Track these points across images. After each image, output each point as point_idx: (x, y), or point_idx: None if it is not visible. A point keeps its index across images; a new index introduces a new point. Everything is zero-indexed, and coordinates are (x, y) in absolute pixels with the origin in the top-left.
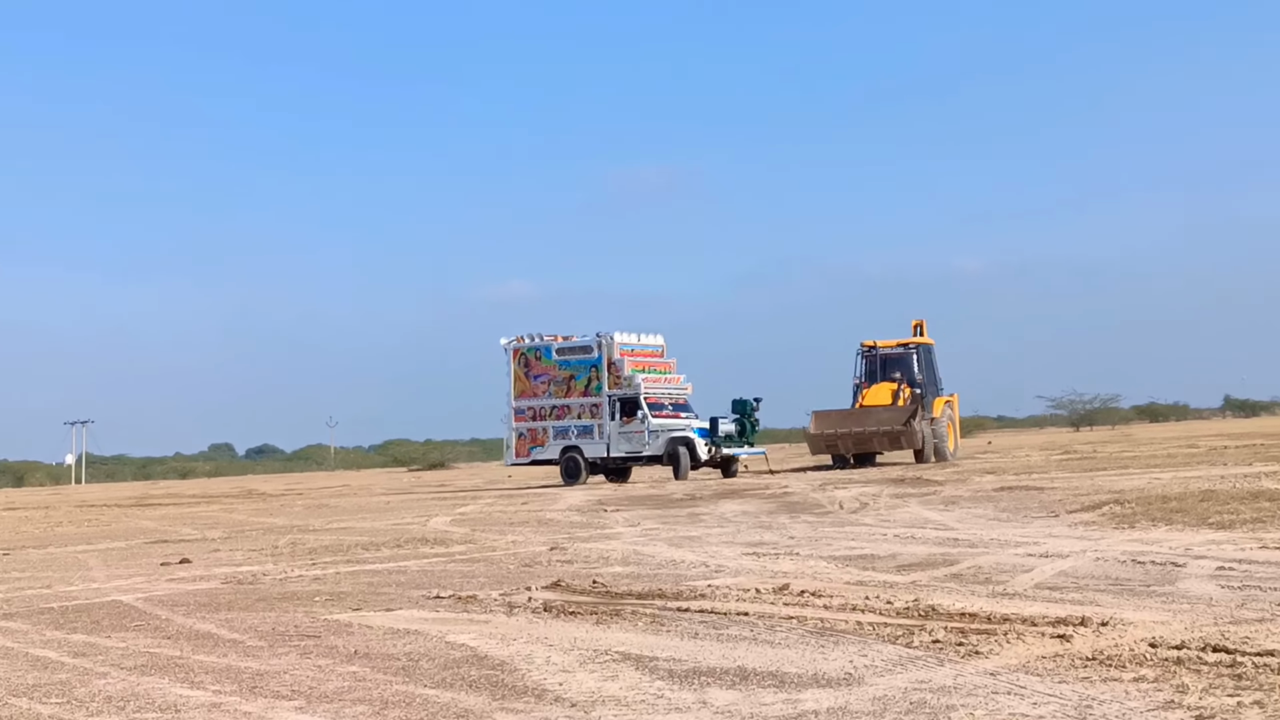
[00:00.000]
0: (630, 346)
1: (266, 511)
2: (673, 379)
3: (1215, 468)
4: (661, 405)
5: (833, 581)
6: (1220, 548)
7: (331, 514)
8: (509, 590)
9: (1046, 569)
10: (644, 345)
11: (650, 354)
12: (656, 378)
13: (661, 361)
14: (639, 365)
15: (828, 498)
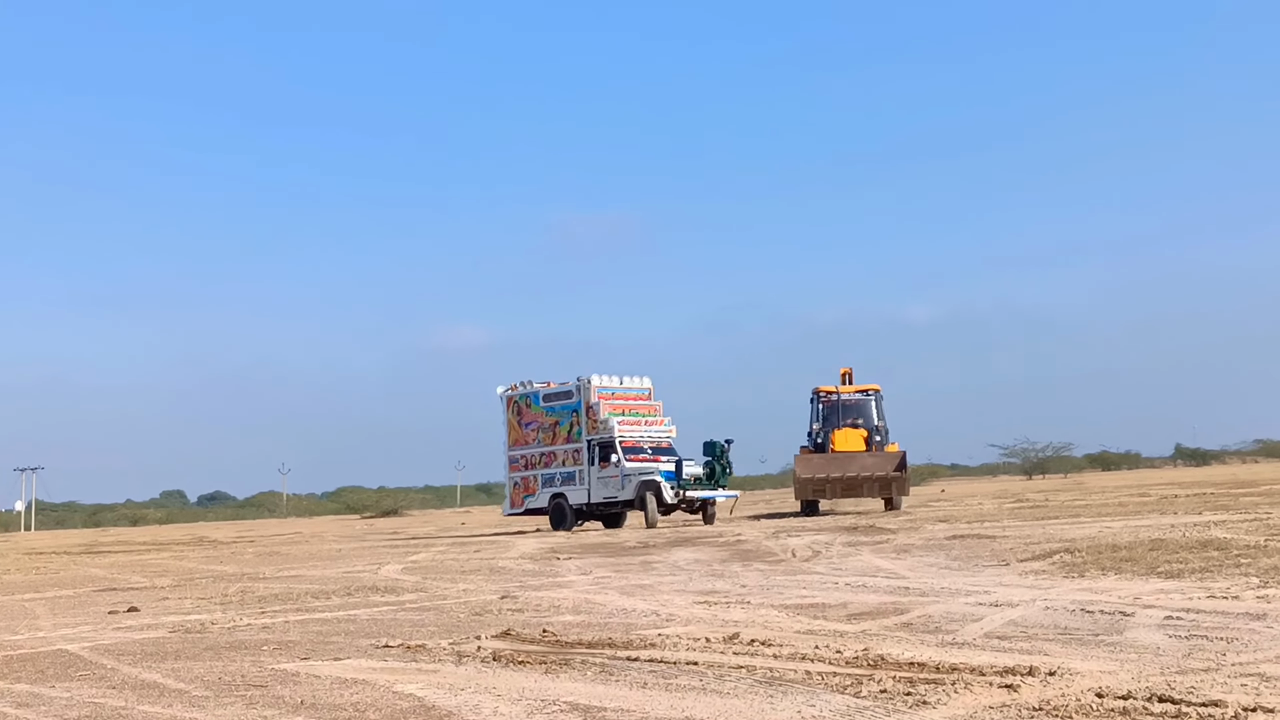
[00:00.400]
0: (610, 390)
1: (217, 559)
2: (655, 421)
3: (1165, 516)
4: (640, 449)
5: (783, 630)
6: (1168, 597)
7: (282, 562)
8: (458, 639)
9: (996, 618)
10: (627, 389)
11: (634, 397)
12: (636, 420)
13: (646, 404)
14: (619, 408)
15: (781, 545)
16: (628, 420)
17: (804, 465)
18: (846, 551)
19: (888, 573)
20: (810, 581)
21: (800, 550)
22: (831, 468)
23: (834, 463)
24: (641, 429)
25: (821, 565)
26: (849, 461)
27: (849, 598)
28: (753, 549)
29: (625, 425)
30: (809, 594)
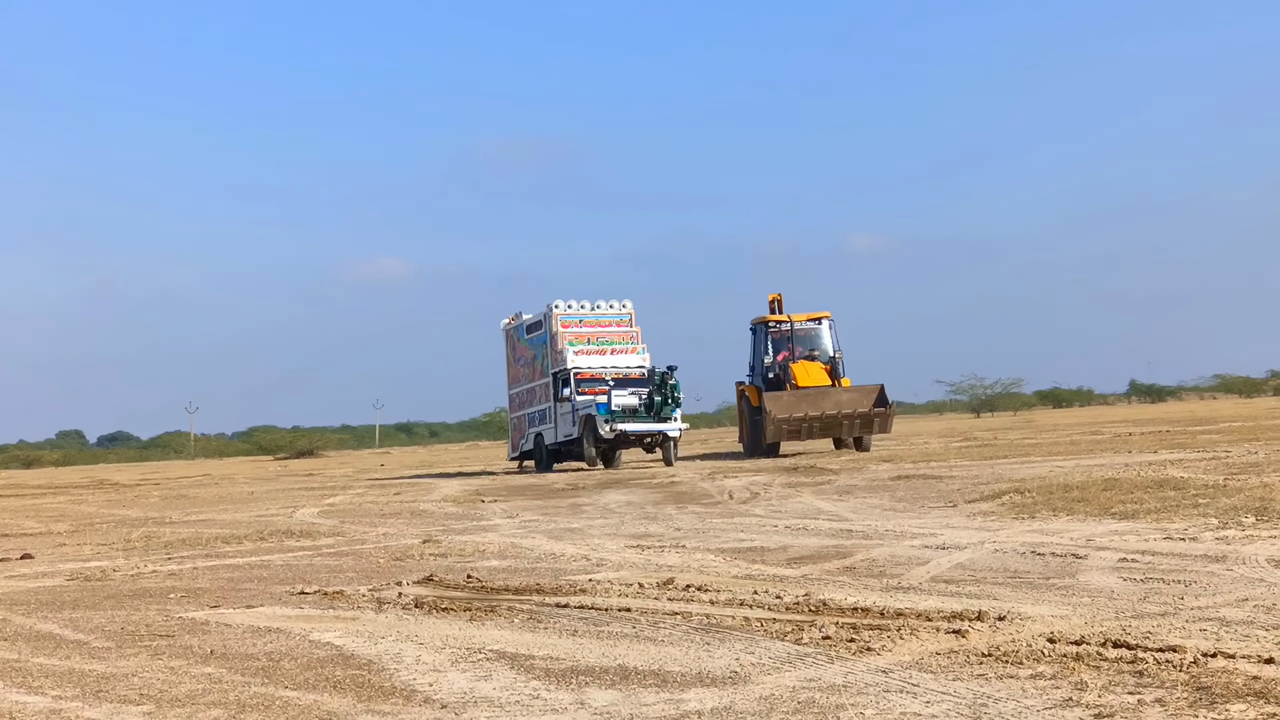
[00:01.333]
0: (577, 317)
1: (119, 503)
2: (630, 350)
3: (1120, 455)
4: (602, 381)
5: (720, 575)
6: (1123, 538)
7: (190, 505)
8: (378, 585)
9: (943, 561)
10: (600, 315)
11: (608, 324)
12: (602, 349)
13: (622, 331)
14: (585, 337)
15: (717, 487)
16: (591, 349)
17: (776, 404)
18: (786, 493)
19: (830, 515)
20: (748, 524)
21: (738, 492)
22: (807, 405)
23: (807, 400)
24: (606, 358)
25: (760, 507)
26: (823, 398)
27: (789, 541)
28: (687, 491)
29: (585, 354)
30: (747, 537)
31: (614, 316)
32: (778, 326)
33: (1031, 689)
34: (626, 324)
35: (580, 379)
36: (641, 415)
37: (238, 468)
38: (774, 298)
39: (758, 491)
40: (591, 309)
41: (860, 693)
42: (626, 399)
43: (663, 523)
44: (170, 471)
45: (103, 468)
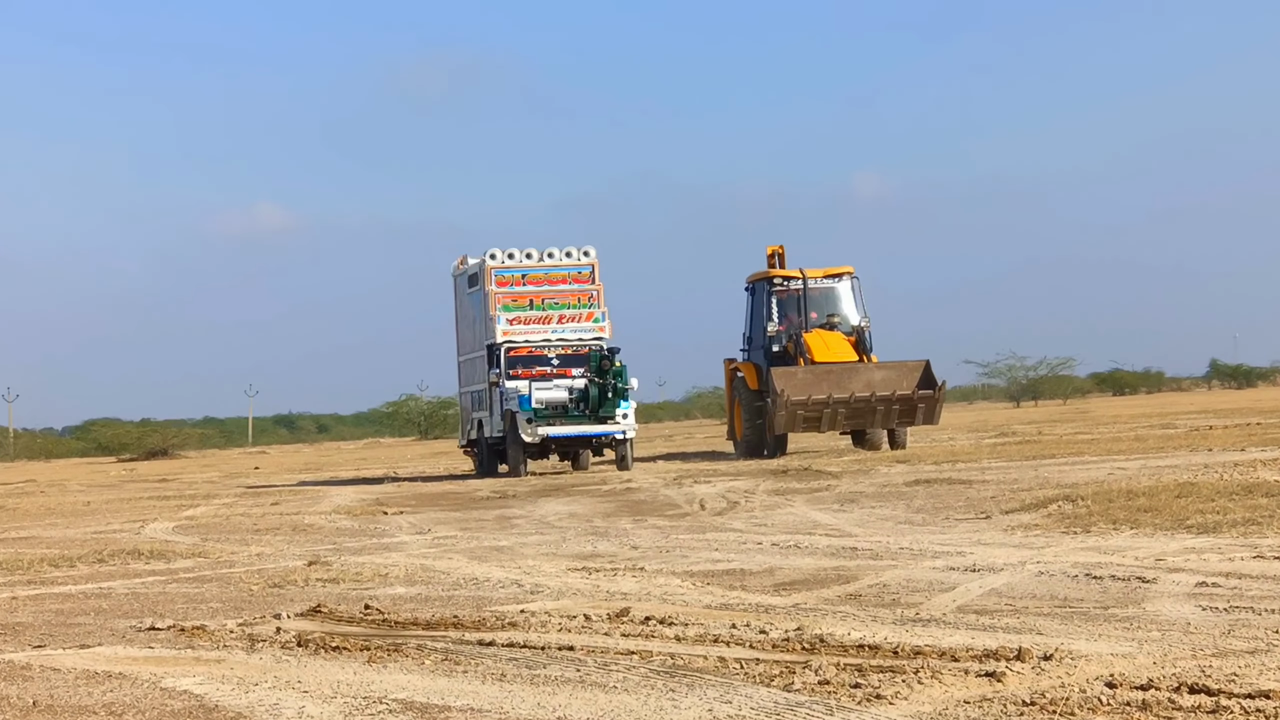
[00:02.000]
0: (519, 271)
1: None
2: (584, 315)
3: (1197, 453)
4: (544, 360)
5: (688, 605)
6: (1202, 557)
7: (8, 518)
8: (251, 619)
9: (973, 587)
10: (548, 267)
11: (559, 279)
12: (545, 315)
13: (579, 290)
14: (526, 298)
15: (684, 495)
16: (531, 316)
17: (789, 382)
18: (773, 502)
19: (828, 529)
20: (724, 541)
21: (711, 500)
22: (830, 385)
23: (830, 378)
24: (551, 328)
25: (739, 520)
26: (850, 376)
27: (776, 562)
28: (647, 499)
29: (523, 323)
30: (723, 557)
31: (568, 269)
32: (785, 285)
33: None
34: (585, 279)
35: (513, 356)
36: (573, 414)
37: (70, 471)
38: (774, 251)
39: (736, 500)
40: (540, 258)
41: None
42: (552, 392)
43: (615, 539)
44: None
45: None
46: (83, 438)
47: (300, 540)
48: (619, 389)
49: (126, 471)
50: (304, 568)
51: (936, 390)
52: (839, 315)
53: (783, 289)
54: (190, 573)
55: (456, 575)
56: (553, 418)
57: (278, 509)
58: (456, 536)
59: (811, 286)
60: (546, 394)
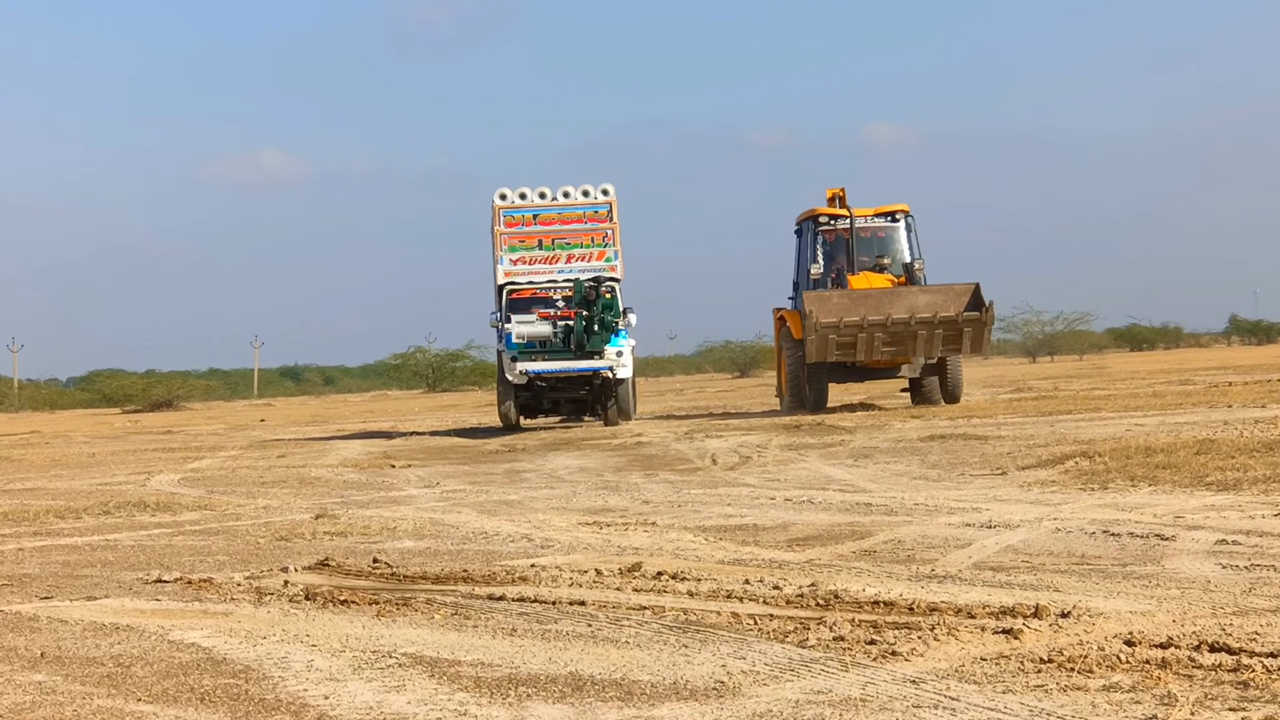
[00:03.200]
0: (529, 211)
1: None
2: (595, 254)
3: (1216, 410)
4: (548, 302)
5: (700, 560)
6: (1222, 515)
7: (13, 470)
8: (258, 572)
9: (989, 543)
10: (561, 207)
11: (572, 219)
12: (552, 255)
13: (593, 230)
14: (538, 238)
15: (695, 449)
16: (537, 256)
17: (822, 306)
18: (786, 457)
19: (842, 484)
20: (737, 496)
21: (723, 455)
22: (866, 309)
23: (867, 302)
24: (558, 267)
25: (752, 475)
26: (888, 300)
27: (790, 517)
28: (658, 454)
29: (527, 263)
30: (735, 512)
31: (584, 209)
32: (832, 224)
33: (1104, 704)
34: (601, 219)
35: (515, 299)
36: (556, 349)
37: (75, 423)
38: (834, 193)
39: (749, 455)
40: (553, 198)
41: (883, 709)
42: (534, 327)
43: (626, 494)
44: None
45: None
46: (87, 389)
47: (307, 493)
48: (607, 322)
49: (131, 423)
50: (311, 521)
51: (983, 312)
52: (889, 256)
53: (829, 229)
54: (196, 525)
55: (465, 529)
56: (536, 354)
57: (284, 461)
58: (465, 490)
59: (860, 226)
60: (529, 329)
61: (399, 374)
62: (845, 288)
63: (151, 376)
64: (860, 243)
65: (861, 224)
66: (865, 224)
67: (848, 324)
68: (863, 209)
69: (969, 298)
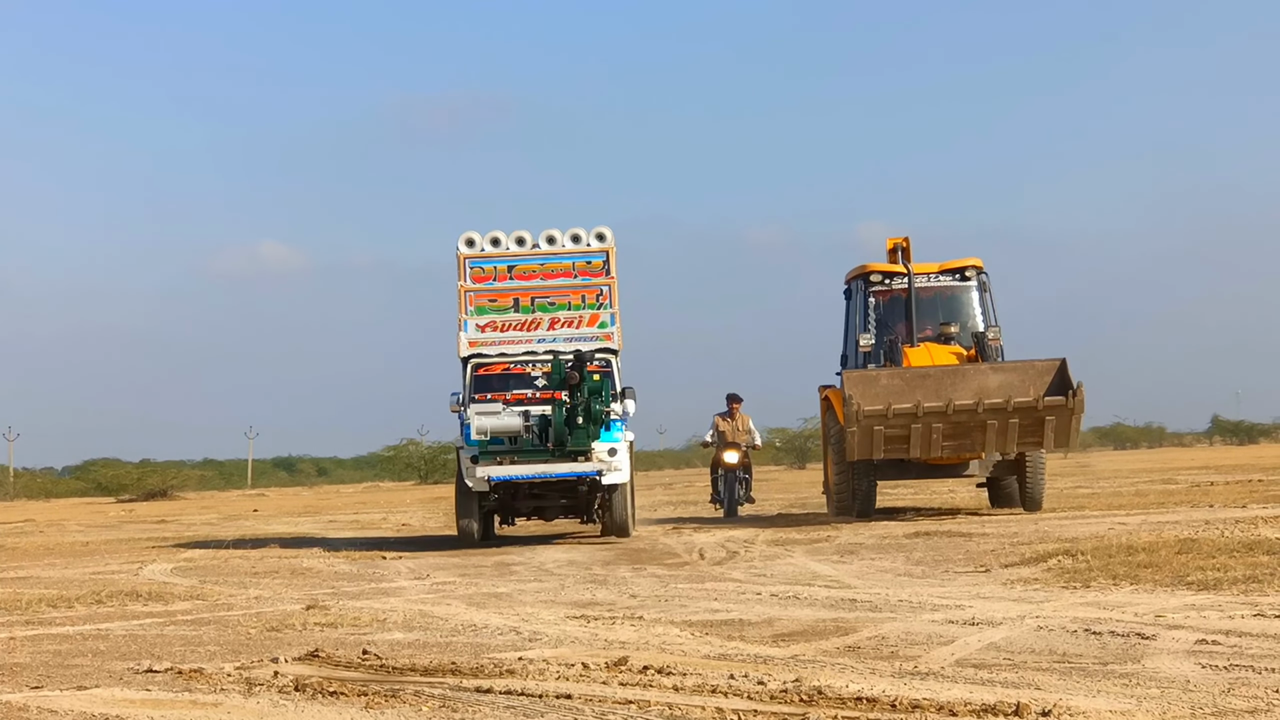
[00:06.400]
0: (503, 262)
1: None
2: (586, 319)
3: (1198, 510)
4: (526, 380)
5: (686, 655)
6: (1202, 615)
7: (7, 558)
8: (248, 662)
9: (972, 640)
10: (544, 256)
11: (558, 271)
12: (530, 320)
13: (580, 285)
14: (514, 297)
15: (683, 544)
16: (512, 321)
17: (864, 388)
18: (772, 552)
19: (828, 580)
20: (724, 591)
21: (710, 550)
22: (921, 390)
23: (924, 384)
24: (536, 336)
25: (739, 570)
26: (951, 381)
27: (775, 612)
28: (646, 548)
29: (500, 329)
30: (722, 607)
31: (572, 258)
32: (887, 283)
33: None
34: (596, 272)
35: (484, 375)
36: (530, 448)
37: (69, 511)
38: (895, 244)
39: (736, 550)
40: (532, 246)
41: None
42: (499, 418)
43: (614, 587)
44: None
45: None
46: (82, 478)
47: (298, 584)
48: (595, 411)
49: (125, 512)
50: (302, 611)
51: (1070, 397)
52: (956, 324)
53: (884, 289)
54: (188, 615)
55: (454, 621)
56: (503, 454)
57: (276, 553)
58: (455, 582)
59: (922, 286)
60: (493, 421)
61: (391, 466)
62: (900, 363)
63: (146, 466)
64: (921, 306)
65: (923, 283)
66: (928, 283)
67: (898, 412)
68: (925, 264)
69: (1052, 377)
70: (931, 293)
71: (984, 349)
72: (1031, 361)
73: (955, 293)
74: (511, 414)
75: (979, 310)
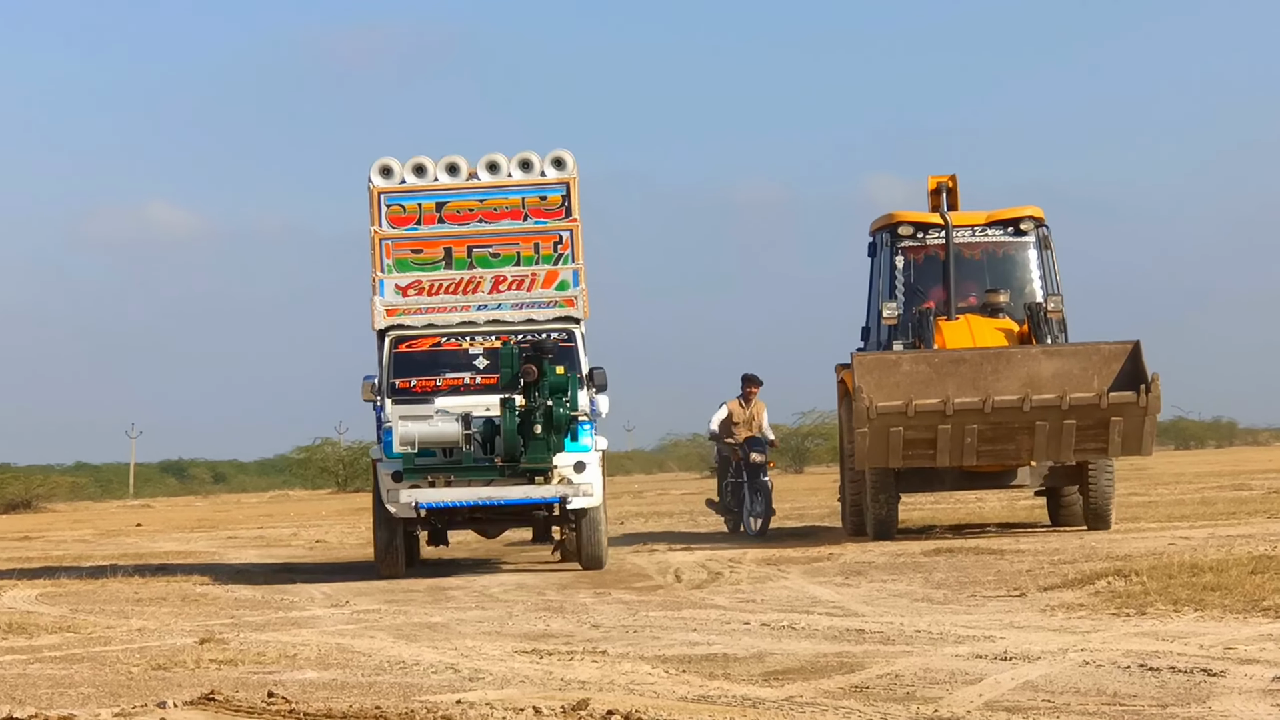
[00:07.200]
0: (428, 198)
1: None
2: (538, 276)
3: (1275, 521)
4: (461, 361)
5: (659, 696)
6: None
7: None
8: (129, 707)
9: (1004, 679)
10: (484, 190)
11: (502, 209)
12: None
13: (533, 229)
14: (443, 243)
15: (656, 564)
16: (441, 278)
17: (877, 377)
18: (763, 573)
19: (830, 606)
20: (704, 620)
21: (688, 570)
22: (953, 381)
23: (957, 370)
24: (476, 300)
25: (722, 594)
26: (995, 366)
27: (767, 645)
28: (611, 568)
29: (423, 291)
30: (702, 639)
31: (520, 191)
32: (920, 237)
33: None
34: (553, 212)
35: (406, 353)
36: (472, 463)
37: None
38: (938, 183)
39: (719, 571)
40: (468, 177)
41: None
42: (431, 425)
43: (572, 616)
44: None
45: None
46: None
47: (190, 613)
48: (558, 416)
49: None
50: (195, 646)
51: (1143, 392)
52: (1007, 291)
53: (916, 245)
54: (57, 651)
55: (380, 657)
56: (436, 470)
57: (165, 575)
58: (380, 610)
59: (964, 242)
60: (422, 428)
61: (303, 470)
62: (931, 331)
63: (5, 471)
64: (963, 267)
65: (966, 237)
66: (972, 238)
67: (921, 410)
68: (969, 214)
69: (1121, 365)
70: (977, 250)
71: (1040, 323)
72: (1096, 344)
73: (1007, 251)
74: (447, 419)
75: (1036, 273)
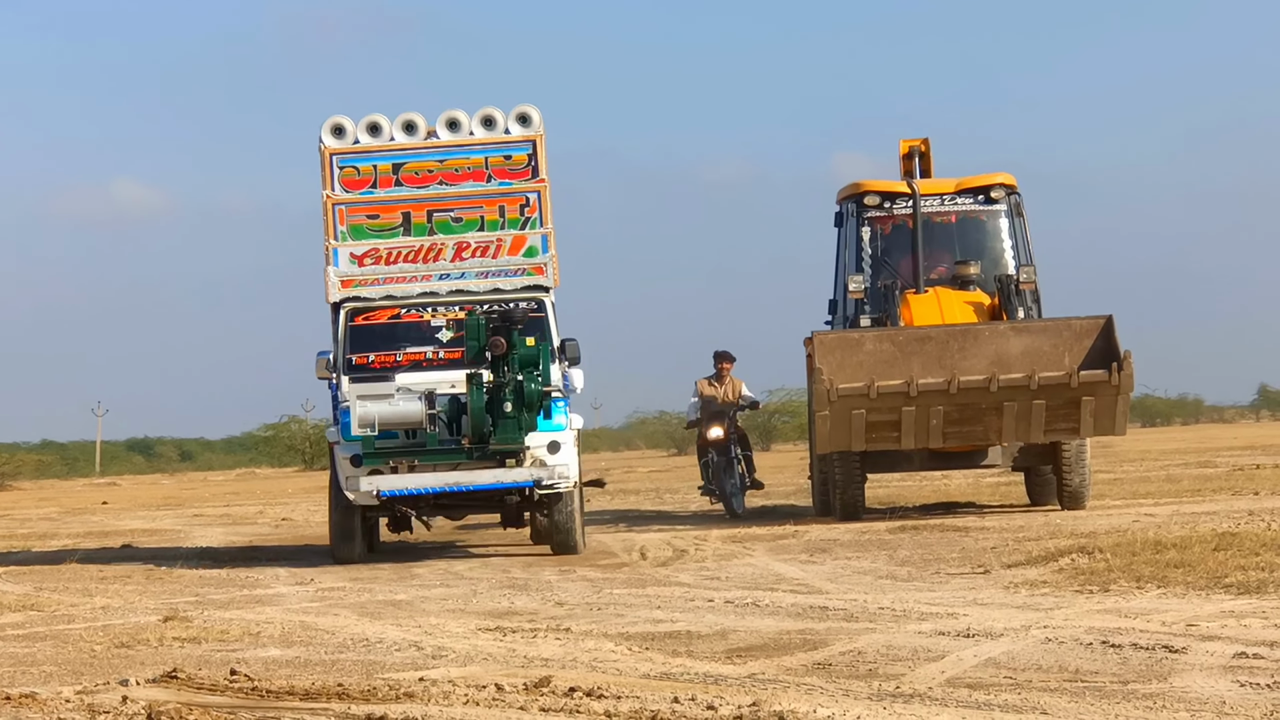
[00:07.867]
0: (384, 159)
1: None
2: (504, 242)
3: (1241, 498)
4: (423, 334)
5: (622, 673)
6: (1242, 623)
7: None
8: (92, 685)
9: (967, 655)
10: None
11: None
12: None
13: (496, 191)
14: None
15: (621, 541)
16: (399, 246)
17: (837, 357)
18: (728, 550)
19: (794, 583)
20: (668, 597)
21: (653, 548)
22: (917, 360)
23: (922, 349)
24: (438, 269)
25: (687, 572)
26: (961, 344)
27: (730, 623)
28: None
29: (380, 260)
30: (665, 616)
31: (483, 150)
32: (887, 207)
33: None
34: (519, 172)
35: (363, 326)
36: (437, 447)
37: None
38: (911, 146)
39: (684, 548)
40: (427, 135)
41: None
42: (393, 405)
43: (536, 594)
44: None
45: None
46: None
47: (154, 590)
48: (529, 391)
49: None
50: (158, 624)
51: (1115, 370)
52: (978, 262)
53: (883, 215)
54: (19, 629)
55: (343, 635)
56: (398, 454)
57: (129, 552)
58: (344, 588)
59: (932, 211)
60: (383, 408)
61: (270, 448)
62: (897, 306)
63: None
64: (931, 236)
65: (934, 206)
66: (940, 206)
67: (884, 392)
68: (938, 181)
69: (1093, 341)
70: (945, 218)
71: (1010, 296)
72: (1067, 320)
73: (977, 219)
74: (409, 397)
75: (1009, 243)
